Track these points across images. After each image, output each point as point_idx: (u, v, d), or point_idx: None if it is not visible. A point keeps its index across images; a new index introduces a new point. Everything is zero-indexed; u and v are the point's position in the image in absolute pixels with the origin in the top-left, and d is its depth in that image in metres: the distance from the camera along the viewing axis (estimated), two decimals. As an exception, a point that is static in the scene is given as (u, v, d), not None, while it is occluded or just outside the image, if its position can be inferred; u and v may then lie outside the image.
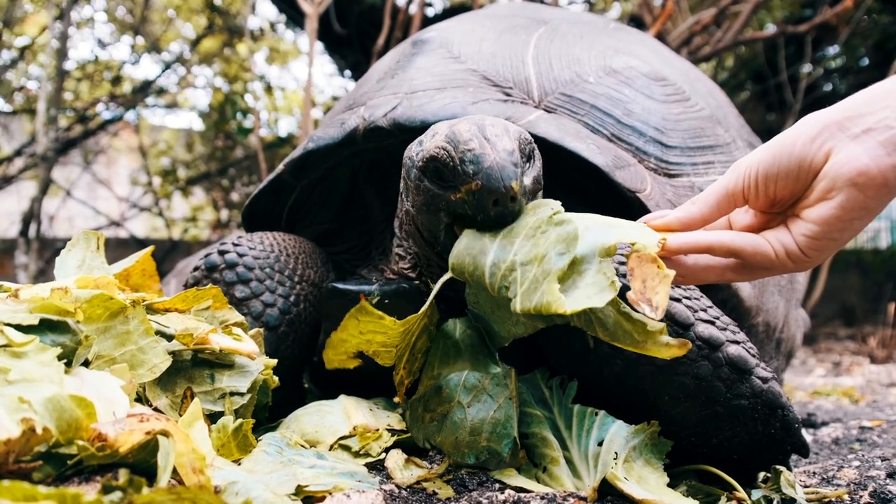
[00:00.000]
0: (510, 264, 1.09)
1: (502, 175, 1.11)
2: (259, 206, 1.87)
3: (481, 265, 1.12)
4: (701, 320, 1.25)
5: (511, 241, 1.12)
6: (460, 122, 1.22)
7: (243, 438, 1.15)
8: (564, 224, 1.07)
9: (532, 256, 1.07)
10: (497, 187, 1.11)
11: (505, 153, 1.14)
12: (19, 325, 1.03)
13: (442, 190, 1.21)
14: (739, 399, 1.22)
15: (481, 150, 1.14)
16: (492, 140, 1.16)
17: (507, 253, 1.11)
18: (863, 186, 0.95)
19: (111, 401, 0.99)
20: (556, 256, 1.04)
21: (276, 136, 8.54)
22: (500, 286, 1.10)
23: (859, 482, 1.33)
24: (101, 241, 1.43)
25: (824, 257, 1.04)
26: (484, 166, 1.13)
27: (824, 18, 5.10)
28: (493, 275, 1.11)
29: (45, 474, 0.88)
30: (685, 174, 1.68)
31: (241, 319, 1.38)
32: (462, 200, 1.17)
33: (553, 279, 1.02)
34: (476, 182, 1.13)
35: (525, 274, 1.07)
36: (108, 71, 8.06)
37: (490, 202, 1.12)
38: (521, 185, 1.13)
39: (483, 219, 1.15)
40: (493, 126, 1.19)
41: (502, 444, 1.24)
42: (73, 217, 8.70)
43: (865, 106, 0.98)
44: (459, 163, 1.16)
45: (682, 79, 1.87)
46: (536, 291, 1.04)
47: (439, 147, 1.19)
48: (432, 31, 1.93)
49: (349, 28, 6.42)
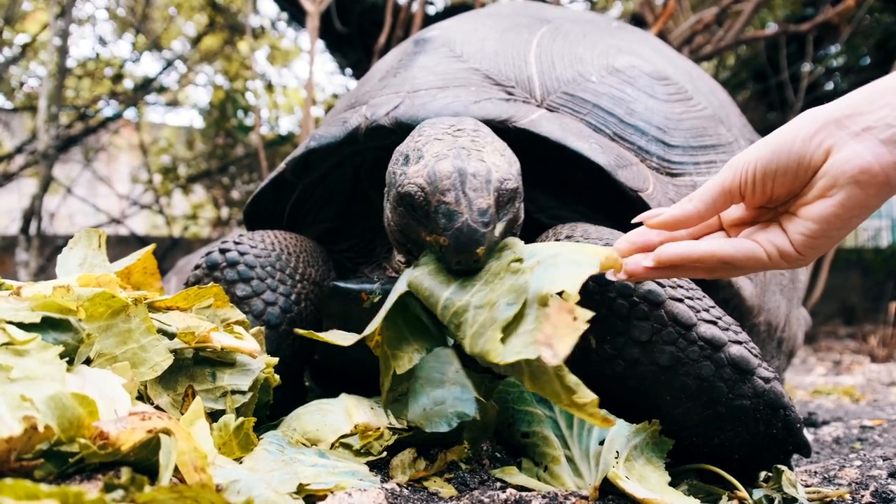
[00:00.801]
0: (464, 304, 1.11)
1: (470, 239, 1.12)
2: (261, 204, 1.86)
3: (437, 295, 1.14)
4: (703, 320, 1.25)
5: (471, 282, 1.14)
6: (443, 161, 1.19)
7: (245, 437, 1.15)
8: (519, 274, 1.08)
9: (485, 301, 1.09)
10: (462, 250, 1.13)
11: (478, 214, 1.14)
12: (21, 323, 1.03)
13: (416, 223, 1.22)
14: (741, 399, 1.22)
15: (456, 207, 1.14)
16: (469, 196, 1.15)
17: (464, 293, 1.13)
18: (865, 184, 0.95)
19: (113, 399, 0.99)
20: (504, 306, 1.06)
21: (276, 135, 8.54)
22: (451, 322, 1.12)
23: (861, 482, 1.33)
24: (102, 239, 1.43)
25: (818, 255, 1.04)
26: (454, 226, 1.13)
27: (826, 17, 5.10)
28: (446, 308, 1.13)
29: (47, 472, 0.88)
30: (687, 173, 1.68)
31: (242, 318, 1.38)
32: (430, 243, 1.19)
33: (498, 328, 1.03)
34: (444, 238, 1.14)
35: (476, 317, 1.09)
36: (110, 68, 8.06)
37: (453, 260, 1.15)
38: (490, 243, 1.15)
39: (445, 267, 1.18)
40: (475, 177, 1.17)
41: (468, 407, 1.31)
42: (73, 214, 8.70)
43: (865, 104, 0.97)
44: (433, 211, 1.16)
45: (684, 78, 1.87)
46: (482, 337, 1.05)
47: (418, 186, 1.19)
48: (434, 29, 1.93)
49: (350, 26, 6.42)
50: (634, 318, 1.25)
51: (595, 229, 1.41)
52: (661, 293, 1.25)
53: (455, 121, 1.35)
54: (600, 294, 1.27)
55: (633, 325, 1.25)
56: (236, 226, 8.37)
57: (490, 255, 1.18)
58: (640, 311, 1.25)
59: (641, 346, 1.25)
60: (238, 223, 8.31)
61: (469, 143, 1.25)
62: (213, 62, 8.46)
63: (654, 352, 1.24)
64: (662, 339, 1.24)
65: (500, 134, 1.55)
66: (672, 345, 1.23)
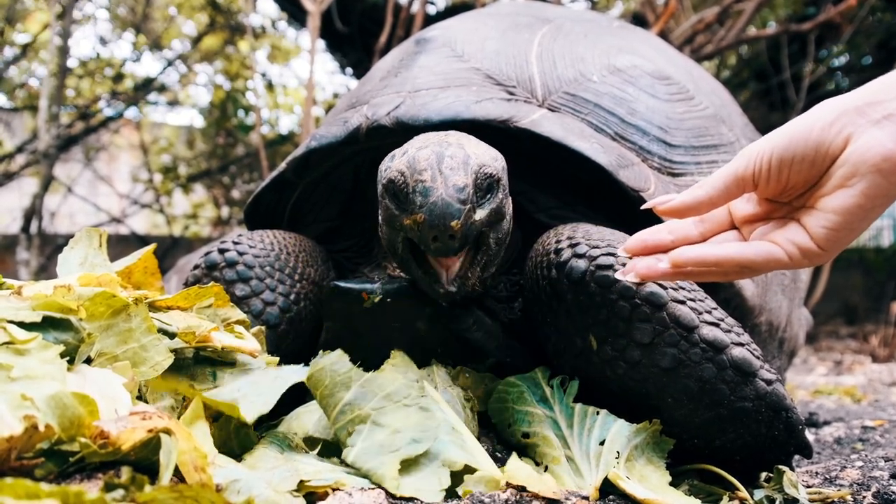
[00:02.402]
0: (365, 414, 1.13)
1: (445, 212, 1.15)
2: (261, 203, 1.86)
3: (338, 397, 1.15)
4: (706, 322, 1.24)
5: (373, 391, 1.15)
6: (424, 149, 1.23)
7: (245, 436, 1.15)
8: (429, 413, 1.13)
9: (390, 422, 1.12)
10: (437, 224, 1.15)
11: (454, 189, 1.16)
12: (22, 322, 1.03)
13: (398, 211, 1.24)
14: (743, 401, 1.22)
15: (431, 184, 1.17)
16: (445, 174, 1.18)
17: (367, 400, 1.14)
18: (887, 172, 0.92)
19: (113, 398, 0.99)
20: (409, 441, 1.09)
21: (277, 134, 8.54)
22: (344, 426, 1.14)
23: (862, 482, 1.32)
24: (103, 239, 1.43)
25: (839, 250, 1.01)
26: (429, 200, 1.16)
27: (828, 17, 5.09)
28: (343, 413, 1.14)
29: (48, 471, 0.88)
30: (689, 173, 1.68)
31: (242, 317, 1.37)
32: (409, 227, 1.21)
33: (397, 459, 1.07)
34: (420, 214, 1.17)
35: (374, 434, 1.11)
36: (110, 68, 8.06)
37: (430, 236, 1.17)
38: (467, 222, 1.17)
39: (425, 249, 1.20)
40: (451, 158, 1.20)
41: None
42: (74, 214, 8.71)
43: (884, 92, 0.95)
44: (411, 191, 1.19)
45: (685, 77, 1.87)
46: (375, 458, 1.08)
47: (398, 171, 1.23)
48: (435, 29, 1.92)
49: (351, 26, 6.42)
50: (636, 319, 1.24)
51: (596, 230, 1.41)
52: (664, 295, 1.24)
53: (443, 133, 1.37)
54: (601, 295, 1.27)
55: (634, 326, 1.25)
56: (237, 225, 8.37)
57: (469, 241, 1.20)
58: (641, 313, 1.24)
59: (643, 347, 1.25)
60: (238, 223, 8.31)
61: (454, 140, 1.28)
62: (213, 62, 8.46)
63: (656, 354, 1.24)
64: (664, 341, 1.23)
65: (502, 134, 1.55)
66: (674, 347, 1.23)
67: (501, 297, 1.55)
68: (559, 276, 1.33)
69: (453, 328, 1.42)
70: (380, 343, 1.35)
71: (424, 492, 1.05)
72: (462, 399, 1.33)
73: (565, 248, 1.35)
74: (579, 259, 1.31)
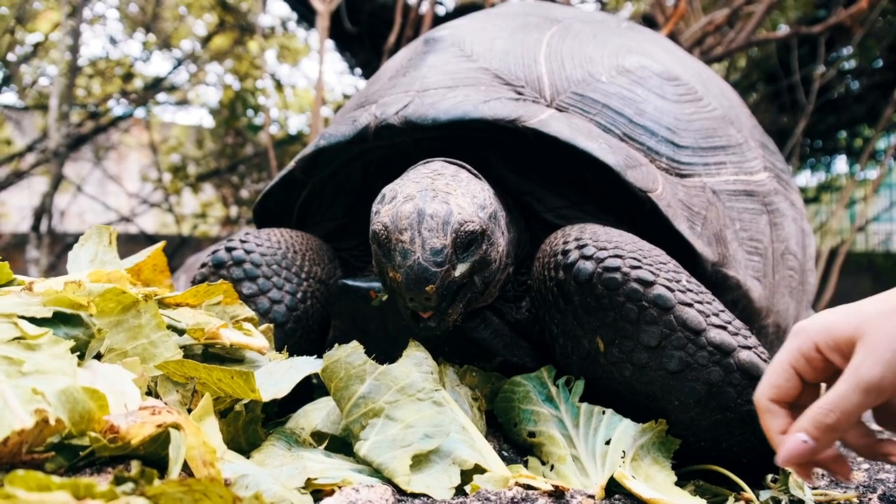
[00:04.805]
0: (379, 408, 1.14)
1: (420, 276, 1.18)
2: (270, 202, 1.87)
3: (352, 389, 1.16)
4: (713, 325, 1.24)
5: (388, 384, 1.16)
6: (408, 203, 1.25)
7: (253, 432, 1.16)
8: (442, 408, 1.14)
9: (403, 416, 1.13)
10: (412, 287, 1.18)
11: (430, 253, 1.19)
12: (33, 317, 1.04)
13: (384, 259, 1.27)
14: (751, 405, 1.21)
15: (410, 246, 1.20)
16: (423, 235, 1.20)
17: (381, 393, 1.15)
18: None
19: (123, 393, 1.00)
20: (422, 436, 1.10)
21: (286, 134, 8.55)
22: (357, 420, 1.14)
23: (868, 485, 1.32)
24: (112, 236, 1.44)
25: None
26: (407, 263, 1.19)
27: (838, 19, 5.07)
28: (356, 406, 1.15)
29: (58, 465, 0.89)
30: (697, 174, 1.68)
31: (251, 314, 1.38)
32: (392, 278, 1.24)
33: (409, 454, 1.08)
34: (398, 275, 1.20)
35: (387, 428, 1.12)
36: (120, 67, 8.09)
37: (406, 297, 1.20)
38: (443, 283, 1.19)
39: (403, 303, 1.23)
40: (432, 217, 1.22)
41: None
42: (83, 212, 8.74)
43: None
44: (392, 248, 1.23)
45: (694, 79, 1.87)
46: (387, 452, 1.09)
47: (382, 225, 1.25)
48: (444, 29, 1.93)
49: (360, 26, 6.42)
50: (643, 322, 1.24)
51: (604, 231, 1.41)
52: (671, 298, 1.24)
53: (440, 165, 1.39)
54: (609, 297, 1.27)
55: (642, 329, 1.25)
56: (245, 224, 8.40)
57: (448, 297, 1.23)
58: (649, 316, 1.24)
59: (650, 350, 1.25)
60: (247, 222, 8.33)
61: (442, 185, 1.30)
62: (223, 61, 8.48)
63: (663, 357, 1.24)
64: (671, 344, 1.23)
65: (510, 133, 1.56)
66: (681, 350, 1.23)
67: (509, 296, 1.55)
68: (566, 277, 1.33)
69: (460, 327, 1.42)
70: (387, 341, 1.36)
71: (434, 489, 1.05)
72: (470, 398, 1.34)
73: (573, 249, 1.35)
74: (587, 261, 1.31)
